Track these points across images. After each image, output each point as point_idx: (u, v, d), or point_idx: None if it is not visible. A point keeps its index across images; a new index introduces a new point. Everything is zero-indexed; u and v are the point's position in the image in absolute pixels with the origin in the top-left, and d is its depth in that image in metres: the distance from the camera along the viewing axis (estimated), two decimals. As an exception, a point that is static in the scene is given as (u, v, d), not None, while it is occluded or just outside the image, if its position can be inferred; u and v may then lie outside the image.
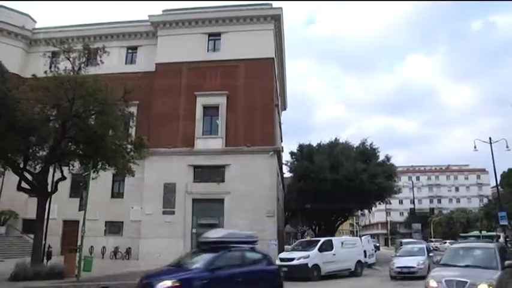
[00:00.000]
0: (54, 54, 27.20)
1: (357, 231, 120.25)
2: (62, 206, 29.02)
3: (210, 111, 31.87)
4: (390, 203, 64.23)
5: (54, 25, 38.66)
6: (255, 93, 30.95)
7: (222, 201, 29.58)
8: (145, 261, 26.72)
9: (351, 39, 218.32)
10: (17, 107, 16.87)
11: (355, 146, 37.07)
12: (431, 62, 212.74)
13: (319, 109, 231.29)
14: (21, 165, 19.52)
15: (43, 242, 19.72)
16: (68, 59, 18.33)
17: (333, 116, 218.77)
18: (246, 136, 30.34)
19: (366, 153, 36.21)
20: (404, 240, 32.83)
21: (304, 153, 36.69)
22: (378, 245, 47.92)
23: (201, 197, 30.03)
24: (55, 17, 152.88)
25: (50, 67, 25.27)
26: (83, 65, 18.69)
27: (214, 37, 33.66)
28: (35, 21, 39.13)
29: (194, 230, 29.37)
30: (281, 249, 30.30)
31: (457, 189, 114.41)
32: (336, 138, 37.83)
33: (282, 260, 19.92)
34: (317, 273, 19.79)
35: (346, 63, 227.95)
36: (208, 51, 33.34)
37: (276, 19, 33.37)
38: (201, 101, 31.79)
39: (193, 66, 32.41)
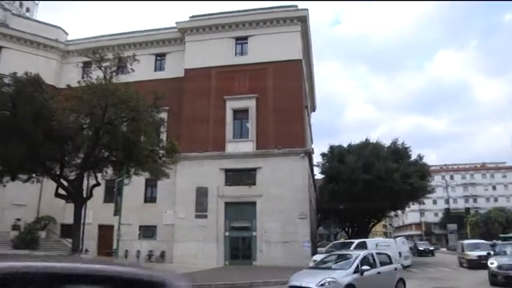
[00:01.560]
0: (87, 64, 28.14)
1: (390, 233, 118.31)
2: (97, 211, 30.03)
3: (240, 114, 32.07)
4: (424, 203, 62.97)
5: (86, 36, 39.79)
6: (284, 95, 30.86)
7: (254, 204, 29.66)
8: (179, 264, 27.05)
9: (378, 38, 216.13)
10: (53, 117, 17.49)
11: (386, 145, 36.50)
12: (462, 56, 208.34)
13: (348, 110, 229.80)
14: (58, 173, 20.18)
15: (80, 245, 20.28)
16: (100, 68, 18.84)
17: (363, 116, 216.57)
18: (277, 138, 30.26)
19: (398, 152, 35.60)
20: (467, 242, 29.53)
21: (335, 154, 36.44)
22: (432, 248, 45.79)
23: (233, 200, 30.16)
24: (86, 28, 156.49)
25: (83, 77, 26.21)
26: (114, 74, 19.16)
27: (241, 41, 33.85)
28: (67, 34, 40.62)
29: (227, 233, 29.62)
30: (314, 251, 30.18)
31: (494, 187, 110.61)
32: (366, 139, 37.42)
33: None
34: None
35: (373, 63, 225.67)
36: (236, 55, 33.56)
37: (302, 20, 33.26)
38: (230, 105, 32.03)
39: (222, 70, 32.64)
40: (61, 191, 20.59)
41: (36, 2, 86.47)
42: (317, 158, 39.17)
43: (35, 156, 18.13)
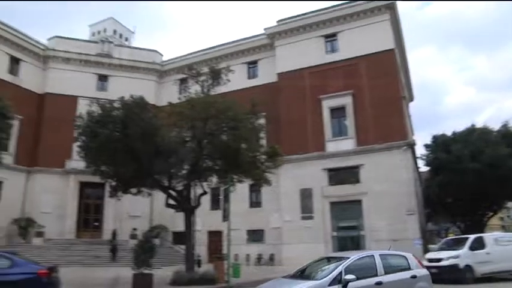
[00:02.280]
0: (183, 81, 29.57)
1: (509, 226, 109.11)
2: (205, 218, 31.72)
3: (337, 112, 31.69)
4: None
5: (179, 55, 42.36)
6: (379, 87, 29.94)
7: (359, 202, 29.10)
8: (289, 266, 27.23)
9: (473, 15, 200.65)
10: (157, 133, 18.53)
11: (495, 130, 33.76)
12: None
13: (448, 95, 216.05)
14: (166, 185, 21.34)
15: (193, 251, 21.29)
16: (197, 83, 19.65)
17: (464, 101, 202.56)
18: (376, 133, 29.43)
19: (510, 136, 32.78)
20: None
21: (439, 144, 34.62)
22: None
23: (338, 199, 29.85)
24: (178, 47, 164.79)
25: (180, 93, 27.64)
26: (211, 86, 19.86)
27: (330, 38, 33.49)
28: (161, 55, 43.77)
29: (335, 233, 29.37)
30: (426, 249, 28.65)
31: None
32: (472, 124, 35.11)
33: (430, 260, 18.10)
34: (470, 275, 17.46)
35: (471, 43, 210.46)
36: (327, 53, 33.23)
37: (390, 8, 31.99)
38: (326, 104, 31.78)
39: (314, 70, 32.57)
40: (171, 201, 21.76)
41: (132, 31, 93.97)
42: (420, 150, 37.41)
43: (144, 171, 19.32)
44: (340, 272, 8.54)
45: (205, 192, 21.76)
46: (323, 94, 31.79)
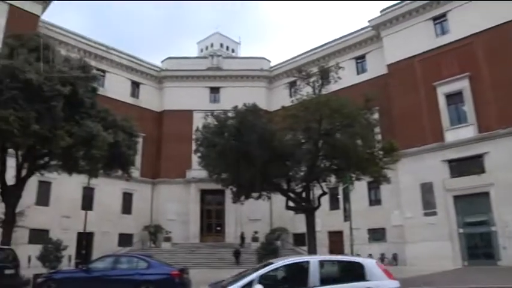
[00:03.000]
0: (292, 84, 29.79)
1: None
2: (324, 218, 31.38)
3: (453, 98, 29.42)
4: None
5: (286, 58, 43.15)
6: (500, 66, 27.05)
7: (486, 194, 26.51)
8: (414, 266, 26.08)
9: None
10: (274, 138, 18.89)
11: None
12: None
13: None
14: (285, 187, 21.64)
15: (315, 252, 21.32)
16: (308, 84, 19.67)
17: None
18: (500, 117, 26.64)
19: None
20: None
21: None
22: None
23: (461, 192, 27.60)
24: (284, 52, 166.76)
25: (291, 96, 27.86)
26: (322, 86, 19.78)
27: (439, 20, 31.17)
28: (269, 61, 44.93)
29: (461, 230, 27.28)
30: None
31: None
32: None
33: None
34: None
35: None
36: (437, 36, 30.97)
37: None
38: (441, 90, 29.73)
39: (425, 56, 30.72)
40: (290, 204, 22.03)
41: (238, 42, 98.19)
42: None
43: (263, 176, 19.79)
44: (251, 281, 6.98)
45: (324, 193, 21.72)
46: (437, 80, 29.79)
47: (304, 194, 21.42)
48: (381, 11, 34.17)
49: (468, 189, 27.27)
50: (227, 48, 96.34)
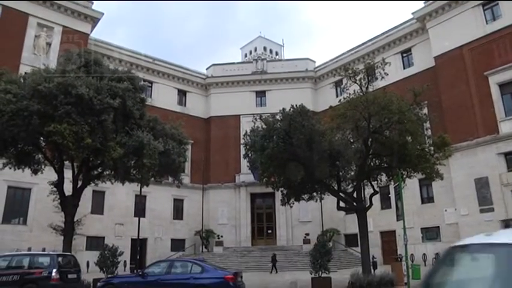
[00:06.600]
0: (338, 83, 29.48)
1: None
2: (376, 218, 30.85)
3: (508, 87, 27.93)
4: None
5: (331, 57, 42.71)
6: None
7: (548, 187, 25.25)
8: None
9: None
10: (323, 138, 18.81)
11: None
12: None
13: None
14: (336, 188, 21.45)
15: (369, 253, 21.00)
16: (355, 82, 19.42)
17: None
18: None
19: None
20: None
21: None
22: None
23: (520, 187, 26.32)
24: (328, 51, 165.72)
25: (337, 95, 27.66)
26: (368, 83, 19.52)
27: (490, 4, 29.49)
28: (313, 61, 44.70)
29: (522, 226, 26.02)
30: None
31: None
32: None
33: None
34: None
35: None
36: (487, 23, 29.44)
37: None
38: (494, 80, 28.27)
39: (475, 45, 29.37)
40: (342, 204, 21.83)
41: (281, 44, 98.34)
42: None
43: (313, 177, 19.71)
44: None
45: (376, 192, 21.40)
46: (488, 70, 28.41)
47: (355, 194, 21.14)
48: (424, 2, 33.06)
49: (528, 183, 25.92)
50: (270, 51, 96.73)
